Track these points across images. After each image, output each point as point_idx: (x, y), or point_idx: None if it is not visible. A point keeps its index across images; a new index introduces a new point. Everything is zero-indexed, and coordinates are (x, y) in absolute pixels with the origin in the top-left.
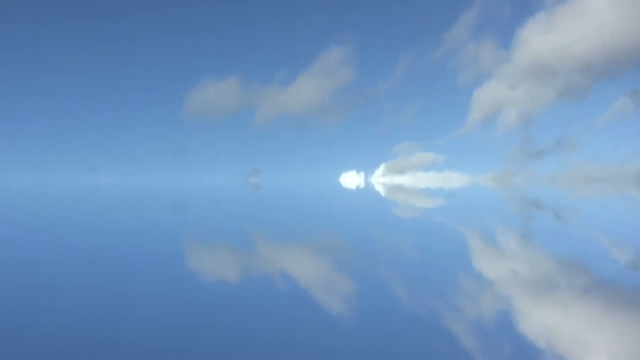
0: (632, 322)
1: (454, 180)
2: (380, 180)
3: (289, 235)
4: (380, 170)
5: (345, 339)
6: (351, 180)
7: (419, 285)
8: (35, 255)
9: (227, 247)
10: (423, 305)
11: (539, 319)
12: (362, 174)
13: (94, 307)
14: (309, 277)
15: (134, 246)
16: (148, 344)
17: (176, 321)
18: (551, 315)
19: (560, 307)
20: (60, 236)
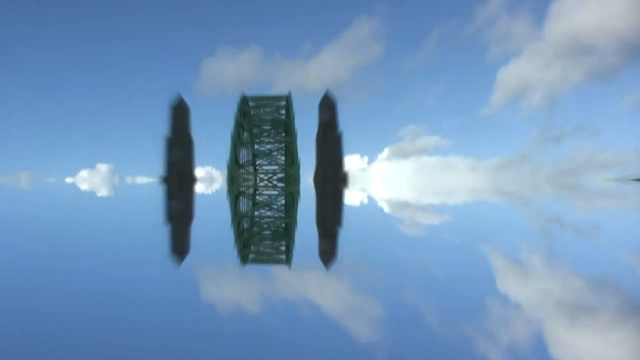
0: None
1: (458, 164)
2: (384, 165)
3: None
4: (384, 154)
5: None
6: (353, 165)
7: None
8: (31, 257)
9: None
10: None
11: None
12: (366, 158)
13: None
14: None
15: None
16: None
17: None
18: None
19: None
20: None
